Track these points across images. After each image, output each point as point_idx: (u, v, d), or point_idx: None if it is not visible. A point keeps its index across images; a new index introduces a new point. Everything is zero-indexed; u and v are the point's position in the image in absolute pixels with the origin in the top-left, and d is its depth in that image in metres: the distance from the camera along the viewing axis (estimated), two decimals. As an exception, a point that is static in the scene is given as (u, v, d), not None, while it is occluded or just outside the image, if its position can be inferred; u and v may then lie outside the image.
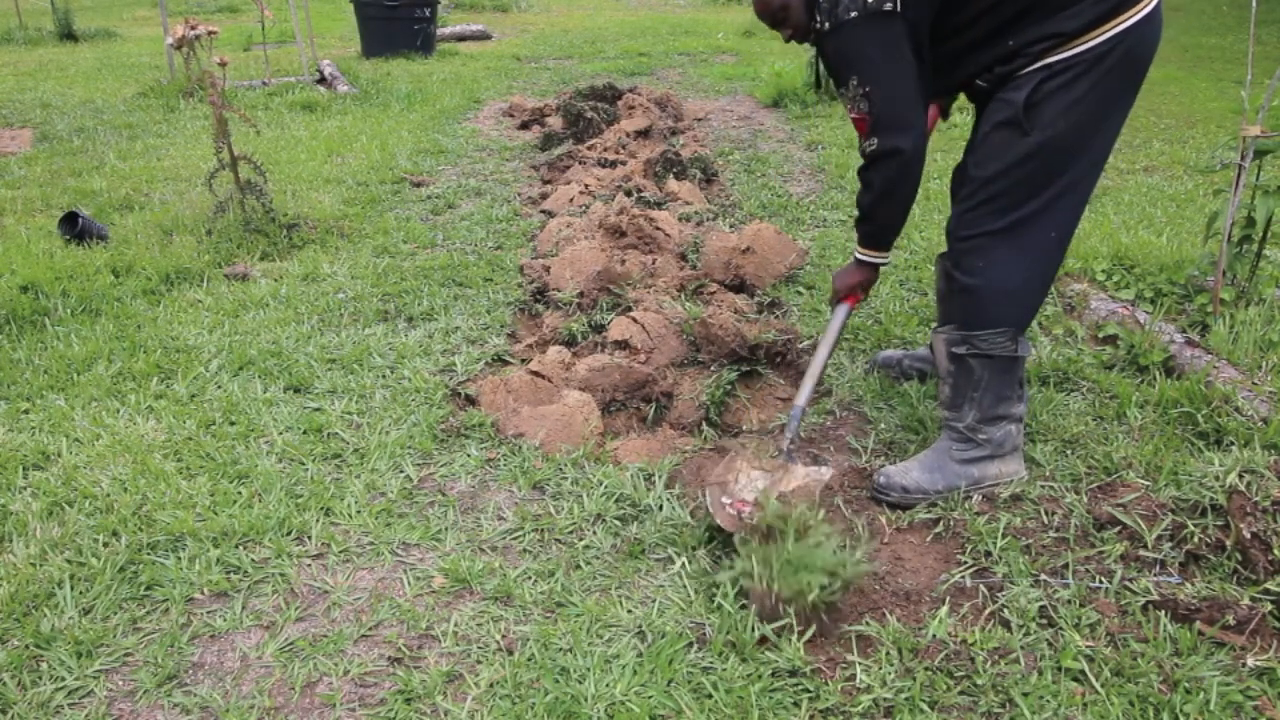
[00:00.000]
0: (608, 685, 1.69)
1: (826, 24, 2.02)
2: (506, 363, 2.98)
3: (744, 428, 2.63)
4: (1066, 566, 1.98)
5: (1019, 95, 1.97)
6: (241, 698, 1.71)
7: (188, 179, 5.02)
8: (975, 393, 2.19)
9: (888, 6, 1.94)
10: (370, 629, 1.87)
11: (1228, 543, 1.95)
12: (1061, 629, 1.81)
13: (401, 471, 2.38)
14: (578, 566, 2.04)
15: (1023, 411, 2.24)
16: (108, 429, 2.56)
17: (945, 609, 1.86)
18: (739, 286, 3.44)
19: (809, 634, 1.79)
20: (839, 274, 2.41)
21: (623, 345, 2.84)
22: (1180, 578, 1.94)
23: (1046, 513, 2.15)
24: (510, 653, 1.79)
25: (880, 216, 2.23)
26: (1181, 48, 9.05)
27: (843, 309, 2.40)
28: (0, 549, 2.10)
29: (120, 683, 1.75)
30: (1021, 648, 1.77)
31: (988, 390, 2.18)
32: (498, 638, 1.83)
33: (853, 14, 1.96)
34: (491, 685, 1.72)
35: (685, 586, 1.96)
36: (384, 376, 2.86)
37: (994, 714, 1.65)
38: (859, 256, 2.33)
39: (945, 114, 2.57)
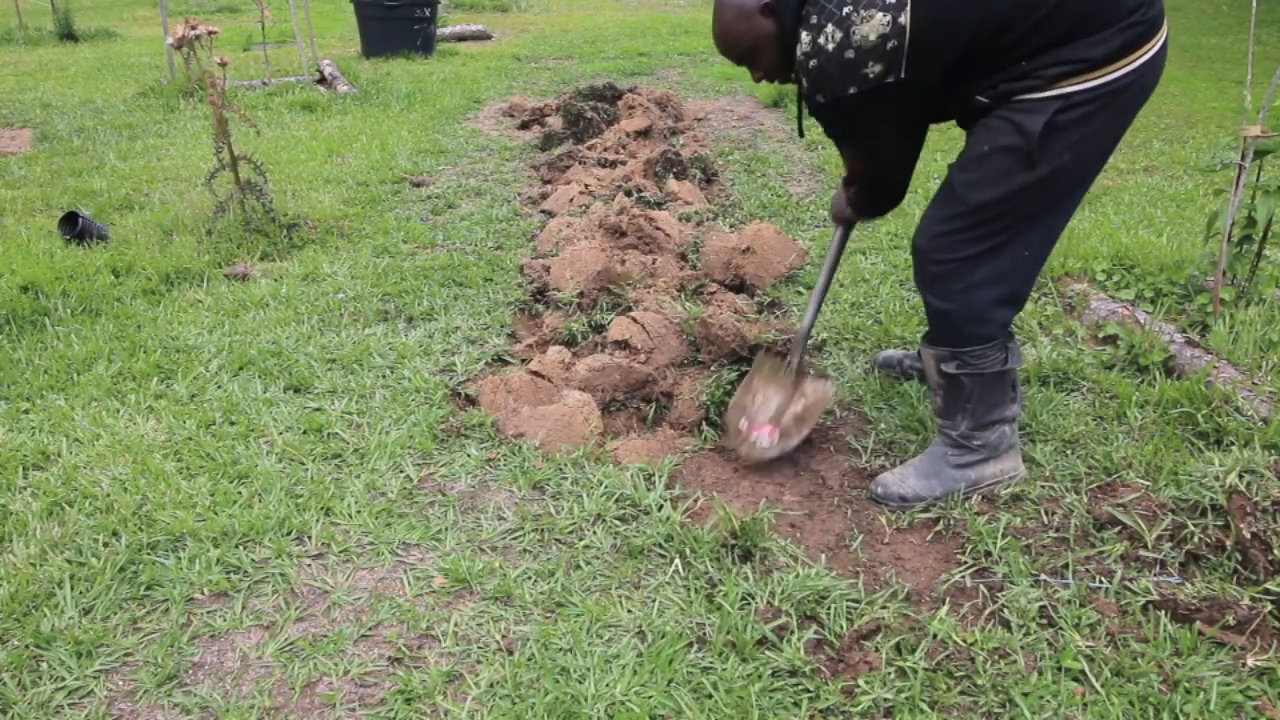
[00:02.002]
0: (608, 685, 1.69)
1: (820, 97, 1.89)
2: (506, 363, 2.98)
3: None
4: (1066, 566, 1.98)
5: (1031, 123, 1.83)
6: (241, 698, 1.71)
7: (188, 179, 5.02)
8: (968, 404, 2.17)
9: (889, 80, 1.80)
10: (370, 629, 1.87)
11: (1228, 543, 1.96)
12: (1061, 629, 1.81)
13: (401, 471, 2.38)
14: (578, 566, 2.04)
15: (1016, 412, 2.23)
16: (108, 429, 2.56)
17: (945, 609, 1.86)
18: (739, 286, 3.44)
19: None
20: (834, 197, 2.47)
21: (623, 345, 2.84)
22: (1180, 578, 1.94)
23: (1046, 513, 2.15)
24: (510, 653, 1.79)
25: (866, 214, 2.43)
26: (1181, 48, 9.05)
27: (841, 228, 2.47)
28: (0, 549, 2.10)
29: (120, 683, 1.75)
30: (1021, 648, 1.77)
31: (980, 401, 2.16)
32: (498, 638, 1.83)
33: (851, 90, 1.83)
34: (491, 685, 1.72)
35: (685, 586, 1.96)
36: (384, 376, 2.87)
37: (994, 714, 1.65)
38: (847, 213, 2.43)
39: None
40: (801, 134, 2.34)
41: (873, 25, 1.77)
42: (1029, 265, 2.03)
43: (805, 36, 1.86)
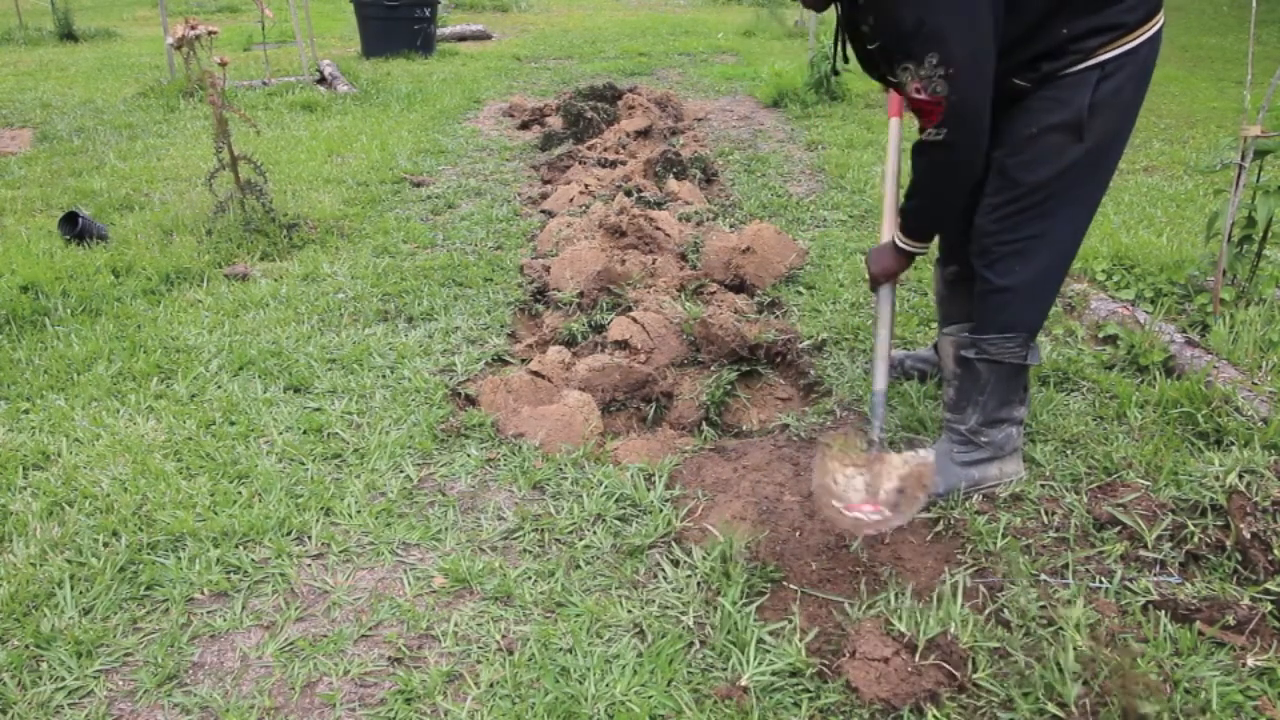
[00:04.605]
0: (608, 685, 1.69)
1: None
2: (506, 363, 2.98)
3: (744, 427, 2.63)
4: (1066, 566, 1.98)
5: (1079, 98, 1.88)
6: (241, 698, 1.71)
7: (188, 179, 5.02)
8: (980, 396, 2.18)
9: None
10: (370, 629, 1.87)
11: (1228, 543, 1.95)
12: (1061, 629, 1.81)
13: (401, 471, 2.38)
14: (578, 566, 2.04)
15: (1024, 414, 2.24)
16: (108, 429, 2.56)
17: (945, 609, 1.86)
18: (739, 286, 3.44)
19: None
20: (874, 256, 2.26)
21: (623, 345, 2.84)
22: (1180, 578, 1.94)
23: (1046, 513, 2.15)
24: (510, 653, 1.79)
25: (929, 208, 2.09)
26: (1181, 48, 9.05)
27: (886, 289, 2.28)
28: (0, 549, 2.10)
29: (120, 683, 1.75)
30: (1021, 648, 1.77)
31: (993, 395, 2.17)
32: (498, 638, 1.83)
33: None
34: (491, 685, 1.72)
35: (685, 586, 1.96)
36: (384, 376, 2.86)
37: (994, 714, 1.65)
38: (898, 243, 2.17)
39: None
40: (835, 71, 2.24)
41: None
42: (1070, 243, 2.08)
43: None
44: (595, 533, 2.14)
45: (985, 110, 1.87)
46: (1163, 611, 1.84)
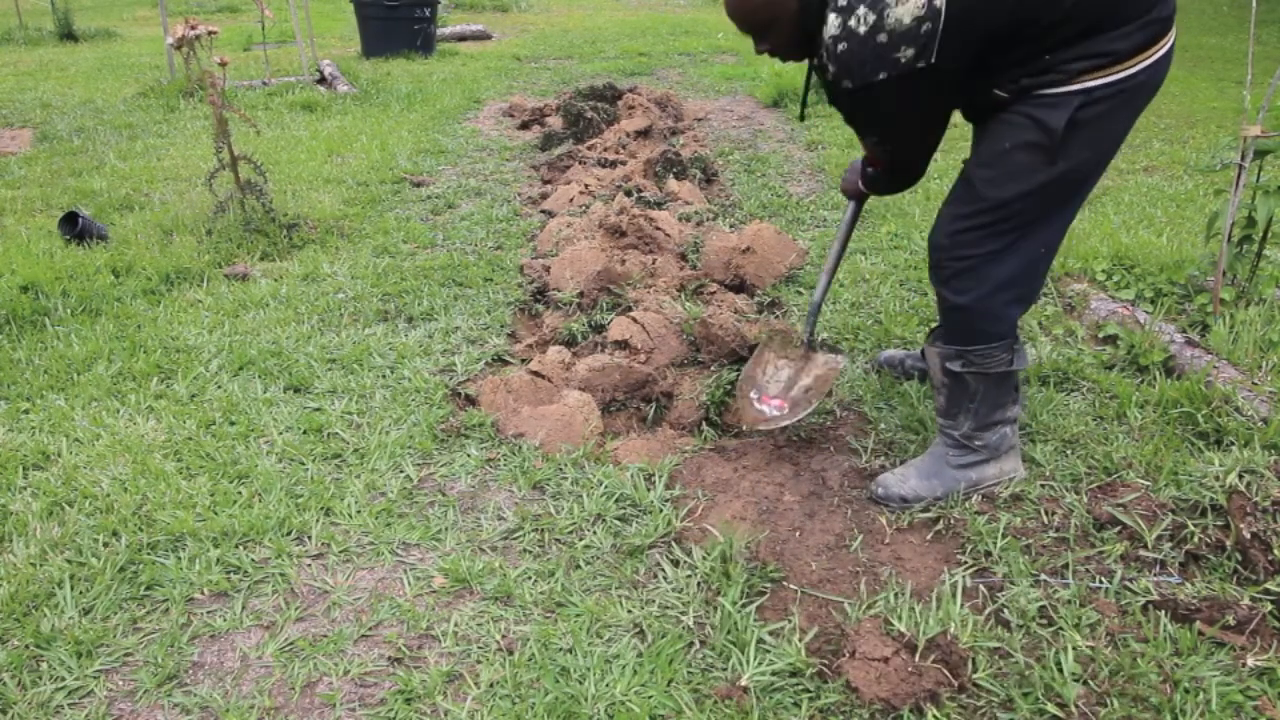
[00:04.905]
0: (608, 685, 1.69)
1: (848, 83, 1.82)
2: (506, 363, 2.98)
3: (744, 427, 2.63)
4: (1066, 566, 1.98)
5: (1053, 119, 1.81)
6: (241, 698, 1.71)
7: (188, 179, 5.02)
8: (971, 404, 2.17)
9: (920, 65, 1.74)
10: (370, 629, 1.88)
11: (1228, 543, 1.96)
12: (1061, 629, 1.81)
13: (401, 471, 2.38)
14: (578, 566, 2.04)
15: (1018, 413, 2.23)
16: (108, 429, 2.56)
17: (945, 609, 1.86)
18: (739, 286, 3.44)
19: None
20: (847, 173, 2.46)
21: (623, 345, 2.84)
22: (1180, 578, 1.94)
23: (1046, 513, 2.15)
24: (510, 653, 1.79)
25: (878, 185, 2.36)
26: (1181, 48, 9.04)
27: (852, 206, 2.46)
28: (0, 549, 2.10)
29: (120, 683, 1.75)
30: (1021, 648, 1.77)
31: (983, 401, 2.16)
32: (498, 638, 1.83)
33: (881, 75, 1.77)
34: (491, 685, 1.72)
35: (685, 586, 1.96)
36: (384, 376, 2.87)
37: (994, 714, 1.65)
38: (860, 184, 2.39)
39: None
40: (803, 117, 2.40)
41: (908, 7, 1.72)
42: (1043, 262, 2.05)
43: (834, 19, 1.80)
44: (595, 533, 2.14)
45: (920, 163, 2.13)
46: (1163, 611, 1.84)
